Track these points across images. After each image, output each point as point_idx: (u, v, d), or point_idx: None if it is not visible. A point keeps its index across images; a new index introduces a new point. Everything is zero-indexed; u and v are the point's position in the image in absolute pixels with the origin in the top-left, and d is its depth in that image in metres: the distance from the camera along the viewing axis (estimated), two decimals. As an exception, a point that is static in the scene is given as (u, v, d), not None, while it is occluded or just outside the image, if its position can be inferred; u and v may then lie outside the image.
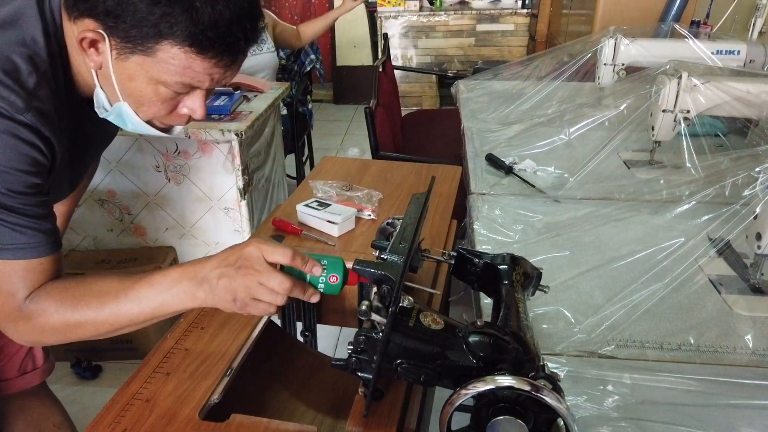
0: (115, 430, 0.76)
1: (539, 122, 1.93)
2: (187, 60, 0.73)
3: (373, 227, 1.32)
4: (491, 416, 0.69)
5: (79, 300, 0.78)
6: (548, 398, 0.66)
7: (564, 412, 0.66)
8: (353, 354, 0.76)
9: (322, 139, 4.18)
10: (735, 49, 1.90)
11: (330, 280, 0.79)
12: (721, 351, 0.96)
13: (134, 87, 0.77)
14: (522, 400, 0.69)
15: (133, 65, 0.74)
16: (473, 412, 0.72)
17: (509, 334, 0.76)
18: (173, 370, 0.87)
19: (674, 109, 1.48)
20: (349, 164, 1.68)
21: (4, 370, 1.21)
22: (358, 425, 0.78)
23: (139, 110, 0.80)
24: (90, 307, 0.77)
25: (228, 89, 2.14)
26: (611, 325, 1.01)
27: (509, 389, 0.67)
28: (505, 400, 0.69)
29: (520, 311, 0.84)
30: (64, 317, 0.78)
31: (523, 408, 0.69)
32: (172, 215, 2.15)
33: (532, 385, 0.66)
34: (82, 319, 0.78)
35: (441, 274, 1.19)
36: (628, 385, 0.87)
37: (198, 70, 0.75)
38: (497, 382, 0.67)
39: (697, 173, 1.40)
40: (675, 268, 1.12)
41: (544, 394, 0.66)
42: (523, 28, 4.65)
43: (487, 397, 0.70)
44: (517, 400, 0.69)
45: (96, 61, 0.76)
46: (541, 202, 1.45)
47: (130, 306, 0.78)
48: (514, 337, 0.76)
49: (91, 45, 0.74)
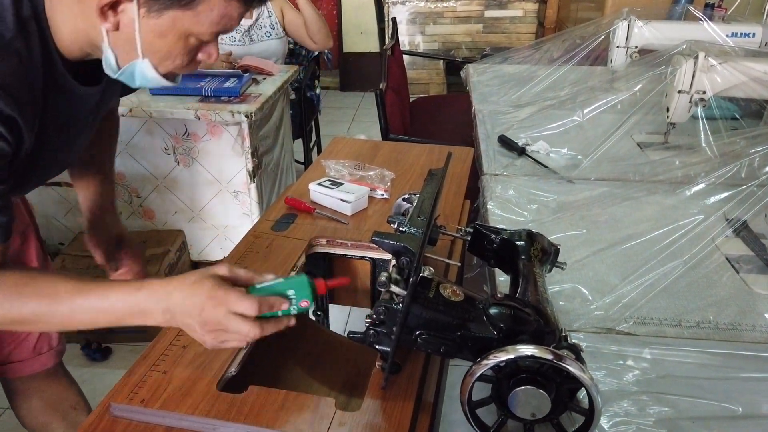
0: (134, 400, 0.76)
1: (551, 105, 1.91)
2: (227, 7, 0.72)
3: (386, 206, 1.31)
4: (512, 387, 0.69)
5: (28, 295, 0.73)
6: (571, 367, 0.65)
7: (587, 381, 0.66)
8: (371, 327, 0.76)
9: (329, 125, 4.16)
10: (750, 31, 1.87)
11: (301, 306, 0.76)
12: (740, 329, 0.95)
13: (163, 43, 0.74)
14: (544, 371, 0.68)
15: (167, 21, 0.72)
16: (494, 383, 0.72)
17: (529, 306, 0.75)
18: (189, 343, 0.86)
19: (690, 89, 1.46)
20: (360, 145, 1.67)
21: (19, 351, 1.21)
22: (376, 398, 0.78)
23: (161, 65, 0.77)
24: (39, 304, 0.74)
25: (237, 71, 2.13)
26: (628, 302, 1.01)
27: (531, 359, 0.67)
28: (526, 371, 0.69)
29: (539, 285, 0.83)
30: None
31: (545, 378, 0.68)
32: (181, 198, 2.15)
33: (554, 354, 0.66)
34: (27, 313, 0.73)
35: (455, 251, 1.18)
36: (648, 360, 0.87)
37: (234, 16, 0.74)
38: (519, 351, 0.67)
39: (712, 153, 1.39)
40: (691, 248, 1.11)
41: (567, 363, 0.65)
42: (532, 14, 4.61)
43: (508, 367, 0.69)
44: (539, 370, 0.69)
45: (113, 23, 0.73)
46: (555, 182, 1.44)
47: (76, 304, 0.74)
48: (535, 309, 0.75)
49: (111, 7, 0.71)
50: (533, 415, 0.70)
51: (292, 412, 0.75)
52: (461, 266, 1.25)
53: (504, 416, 0.72)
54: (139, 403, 0.75)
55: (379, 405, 0.76)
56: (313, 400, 0.77)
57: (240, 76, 2.09)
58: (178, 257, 2.12)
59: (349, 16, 4.67)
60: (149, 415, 0.75)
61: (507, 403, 0.70)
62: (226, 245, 2.22)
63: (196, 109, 1.91)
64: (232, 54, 2.30)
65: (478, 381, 0.70)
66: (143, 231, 2.19)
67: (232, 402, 0.76)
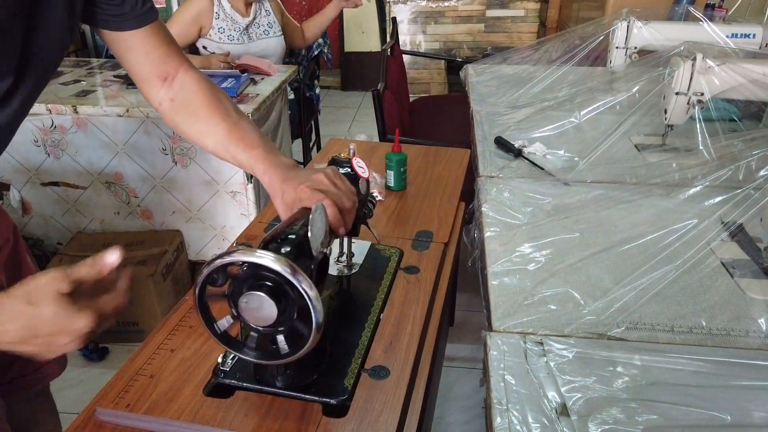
0: (119, 405, 0.76)
1: (549, 106, 1.91)
2: None
3: (379, 208, 1.30)
4: (250, 289, 0.68)
5: None
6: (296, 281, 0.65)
7: (312, 294, 0.66)
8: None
9: (330, 125, 4.16)
10: (751, 32, 1.86)
11: None
12: (733, 334, 0.95)
13: None
14: (282, 283, 0.68)
15: None
16: (235, 280, 0.70)
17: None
18: (178, 347, 0.86)
19: (688, 91, 1.45)
20: (357, 146, 1.67)
21: (23, 363, 1.16)
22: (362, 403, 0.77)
23: None
24: None
25: (235, 72, 2.12)
26: (621, 307, 1.00)
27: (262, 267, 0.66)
28: (268, 279, 0.68)
29: None
30: None
31: (281, 291, 0.68)
32: (178, 198, 2.15)
33: (290, 266, 0.65)
34: None
35: (448, 255, 1.18)
36: (638, 366, 0.86)
37: None
38: (256, 255, 0.66)
39: (709, 156, 1.38)
40: (686, 251, 1.10)
41: (298, 277, 0.65)
42: (534, 13, 4.60)
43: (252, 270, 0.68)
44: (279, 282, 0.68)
45: None
46: (551, 184, 1.43)
47: None
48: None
49: None
50: (255, 320, 0.69)
51: (277, 418, 0.75)
52: (455, 270, 1.25)
53: (234, 315, 0.71)
54: (124, 407, 0.75)
55: (365, 410, 0.76)
56: (299, 405, 0.77)
57: (238, 76, 2.09)
58: (176, 257, 2.12)
59: (350, 15, 4.66)
60: (134, 420, 0.74)
61: (237, 303, 0.69)
62: (224, 246, 2.22)
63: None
64: (230, 54, 2.29)
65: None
66: (141, 231, 2.19)
67: (218, 407, 0.76)
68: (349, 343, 0.86)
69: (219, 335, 0.72)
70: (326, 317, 0.69)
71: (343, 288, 1.03)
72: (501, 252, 1.15)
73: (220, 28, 2.34)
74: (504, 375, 0.85)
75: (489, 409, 0.81)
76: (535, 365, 0.87)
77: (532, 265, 1.11)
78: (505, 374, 0.85)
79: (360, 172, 0.94)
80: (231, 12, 2.35)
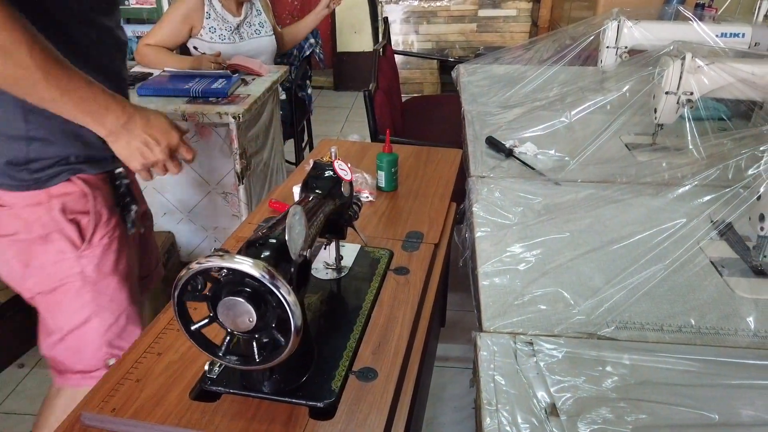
0: (104, 409, 0.75)
1: (540, 105, 1.90)
2: None
3: (370, 209, 1.30)
4: (229, 294, 0.68)
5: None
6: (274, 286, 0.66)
7: (290, 300, 0.66)
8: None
9: (323, 125, 4.15)
10: (740, 31, 1.87)
11: None
12: (722, 333, 0.95)
13: None
14: (261, 289, 0.68)
15: None
16: (216, 284, 0.71)
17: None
18: (165, 351, 0.86)
19: (677, 90, 1.45)
20: (349, 147, 1.66)
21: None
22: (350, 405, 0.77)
23: None
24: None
25: (226, 72, 2.11)
26: (611, 306, 1.00)
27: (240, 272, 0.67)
28: (249, 286, 0.69)
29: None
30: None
31: (260, 297, 0.68)
32: (170, 199, 2.14)
33: (268, 272, 0.66)
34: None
35: (438, 256, 1.18)
36: (627, 366, 0.86)
37: None
38: (235, 261, 0.67)
39: (699, 155, 1.38)
40: (676, 250, 1.10)
41: (276, 283, 0.65)
42: (526, 13, 4.61)
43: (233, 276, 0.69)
44: (258, 287, 0.68)
45: None
46: (541, 184, 1.43)
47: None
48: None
49: None
50: (234, 325, 0.69)
51: (264, 421, 0.74)
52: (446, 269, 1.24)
53: (211, 317, 0.71)
54: (110, 412, 0.74)
55: (353, 412, 0.76)
56: (286, 408, 0.76)
57: (229, 76, 2.08)
58: (167, 259, 2.11)
59: (342, 15, 4.66)
60: (120, 425, 0.74)
61: (216, 306, 0.69)
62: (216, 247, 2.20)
63: (183, 110, 1.90)
64: (221, 54, 2.28)
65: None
66: (132, 233, 2.18)
67: (204, 411, 0.75)
68: (337, 345, 0.86)
69: (197, 340, 0.72)
70: (306, 322, 0.69)
71: (332, 292, 1.02)
72: (492, 252, 1.15)
73: (211, 28, 2.33)
74: (494, 375, 0.85)
75: (479, 410, 0.80)
76: (525, 365, 0.87)
77: (523, 265, 1.11)
78: (495, 375, 0.85)
79: (342, 174, 0.94)
80: (222, 11, 2.34)
